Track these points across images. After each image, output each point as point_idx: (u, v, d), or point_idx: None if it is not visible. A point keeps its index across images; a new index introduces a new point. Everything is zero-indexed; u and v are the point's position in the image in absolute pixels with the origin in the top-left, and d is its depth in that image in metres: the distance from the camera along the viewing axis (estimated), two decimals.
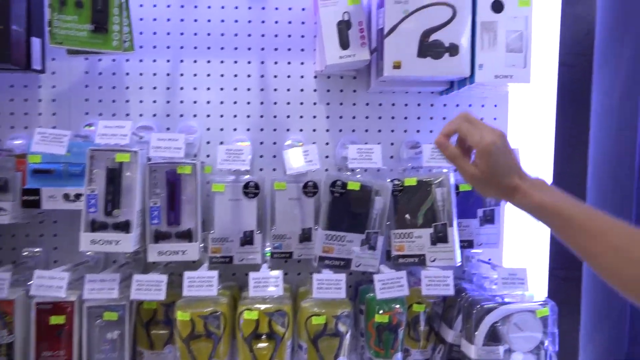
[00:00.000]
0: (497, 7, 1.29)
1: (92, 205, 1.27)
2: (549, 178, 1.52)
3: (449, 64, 1.31)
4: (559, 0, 1.48)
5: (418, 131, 1.55)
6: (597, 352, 1.61)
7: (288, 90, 1.54)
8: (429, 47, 1.31)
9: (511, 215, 1.51)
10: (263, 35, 1.53)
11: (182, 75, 1.53)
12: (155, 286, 1.28)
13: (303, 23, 1.53)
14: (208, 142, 1.54)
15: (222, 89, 1.53)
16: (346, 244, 1.36)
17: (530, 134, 1.54)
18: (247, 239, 1.40)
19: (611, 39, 1.52)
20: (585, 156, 1.51)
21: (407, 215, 1.39)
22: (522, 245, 1.54)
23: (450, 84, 1.44)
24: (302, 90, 1.54)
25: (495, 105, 1.54)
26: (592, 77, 1.49)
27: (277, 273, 1.31)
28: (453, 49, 1.30)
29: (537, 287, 1.52)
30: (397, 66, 1.31)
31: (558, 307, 1.31)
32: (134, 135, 1.45)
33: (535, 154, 1.53)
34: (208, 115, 1.54)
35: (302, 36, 1.53)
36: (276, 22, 1.53)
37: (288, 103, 1.54)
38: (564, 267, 1.52)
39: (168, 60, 1.52)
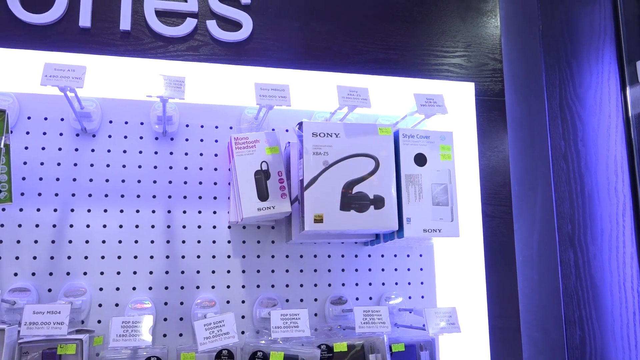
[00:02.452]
0: (420, 160, 1.27)
1: None
2: (484, 333, 1.44)
3: (375, 217, 1.23)
4: (477, 155, 1.52)
5: (343, 284, 1.43)
6: None
7: (198, 242, 1.37)
8: (352, 200, 1.24)
9: None
10: (170, 182, 1.38)
11: (71, 226, 1.31)
12: None
13: (216, 169, 1.41)
14: (100, 305, 1.29)
15: (120, 241, 1.33)
16: None
17: (459, 283, 1.47)
18: None
19: (524, 189, 1.57)
20: (517, 308, 1.46)
21: None
22: None
23: (376, 235, 1.36)
24: (214, 242, 1.38)
25: (421, 255, 1.48)
26: (513, 227, 1.49)
27: None
28: (378, 202, 1.24)
29: None
30: (318, 220, 1.21)
31: None
32: (2, 302, 1.19)
33: (467, 305, 1.46)
34: (102, 273, 1.31)
35: (215, 183, 1.40)
36: (185, 167, 1.40)
37: (198, 256, 1.36)
38: None
39: (55, 210, 1.31)
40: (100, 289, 1.30)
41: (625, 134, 1.36)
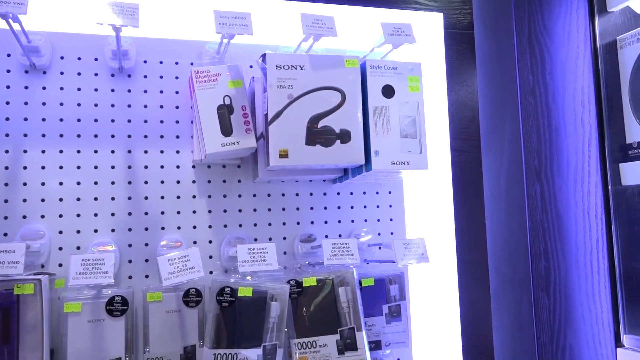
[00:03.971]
0: (388, 92, 1.24)
1: None
2: (453, 267, 1.46)
3: (342, 151, 1.21)
4: (445, 89, 1.49)
5: (312, 222, 1.41)
6: None
7: (162, 182, 1.33)
8: (318, 134, 1.21)
9: (418, 309, 1.40)
10: (129, 121, 1.32)
11: (25, 168, 1.25)
12: None
13: (177, 107, 1.35)
14: (60, 249, 1.25)
15: (78, 183, 1.28)
16: None
17: (428, 220, 1.48)
18: None
19: (493, 124, 1.56)
20: (484, 242, 1.47)
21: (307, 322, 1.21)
22: (432, 342, 1.43)
23: (344, 171, 1.34)
24: (178, 182, 1.34)
25: (390, 192, 1.47)
26: (481, 162, 1.49)
27: None
28: (345, 136, 1.21)
29: None
30: (284, 155, 1.18)
31: None
32: None
33: (436, 240, 1.46)
34: (60, 216, 1.26)
35: (177, 122, 1.35)
36: (145, 106, 1.34)
37: (162, 197, 1.32)
38: None
39: (7, 151, 1.24)
40: (60, 232, 1.26)
41: (593, 64, 1.36)
